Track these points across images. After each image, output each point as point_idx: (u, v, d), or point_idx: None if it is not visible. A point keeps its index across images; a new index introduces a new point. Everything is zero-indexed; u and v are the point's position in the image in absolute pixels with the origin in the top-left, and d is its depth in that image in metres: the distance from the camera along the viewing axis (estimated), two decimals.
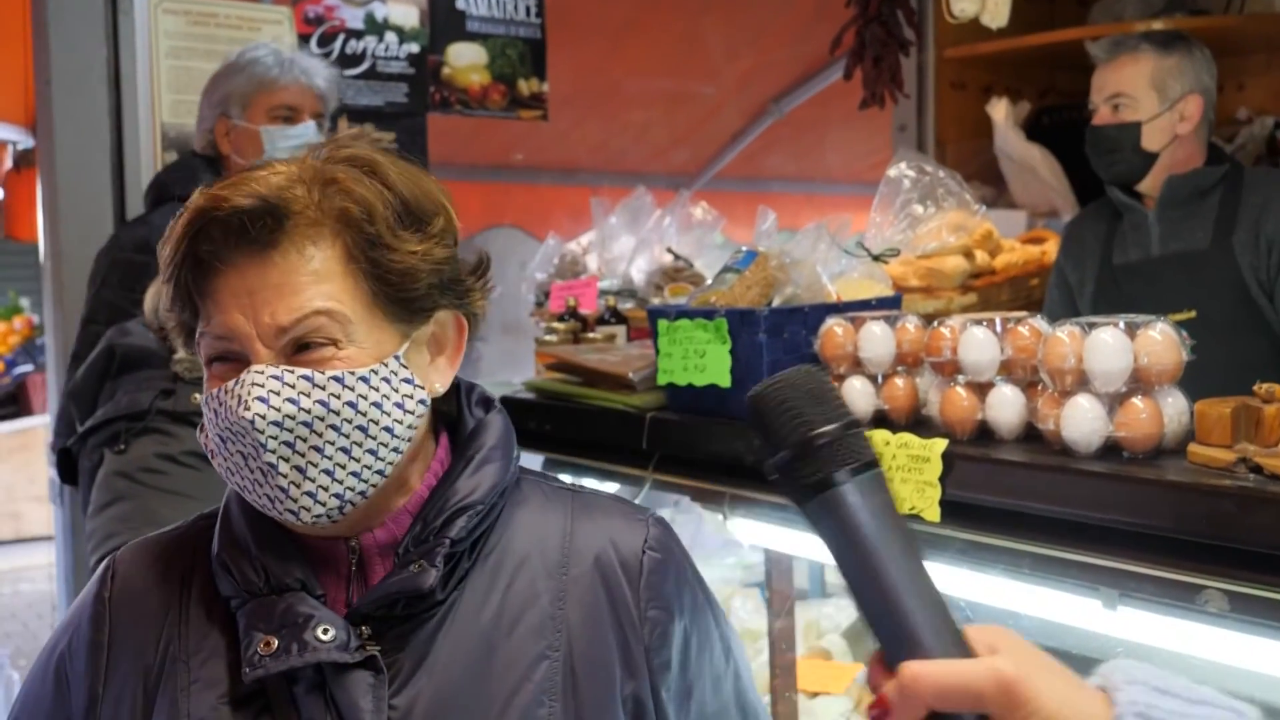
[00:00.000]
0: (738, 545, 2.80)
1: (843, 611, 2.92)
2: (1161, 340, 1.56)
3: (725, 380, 2.01)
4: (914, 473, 1.69)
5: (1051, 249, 3.32)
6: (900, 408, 1.85)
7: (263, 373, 1.04)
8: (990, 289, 3.00)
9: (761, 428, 0.80)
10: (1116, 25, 3.75)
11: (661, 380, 2.14)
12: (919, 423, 1.84)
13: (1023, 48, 3.78)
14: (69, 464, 2.09)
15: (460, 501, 1.11)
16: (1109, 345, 1.56)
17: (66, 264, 2.97)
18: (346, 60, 3.22)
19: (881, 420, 1.86)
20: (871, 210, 2.31)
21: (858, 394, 1.87)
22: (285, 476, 1.06)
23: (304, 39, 3.18)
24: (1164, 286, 2.74)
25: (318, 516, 1.07)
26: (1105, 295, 2.88)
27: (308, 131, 2.54)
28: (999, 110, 3.81)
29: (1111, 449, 1.57)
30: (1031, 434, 1.69)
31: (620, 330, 2.66)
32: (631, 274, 3.00)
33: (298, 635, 1.05)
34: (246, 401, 1.04)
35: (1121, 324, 1.58)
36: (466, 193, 4.34)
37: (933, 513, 1.66)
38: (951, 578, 1.75)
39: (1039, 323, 1.71)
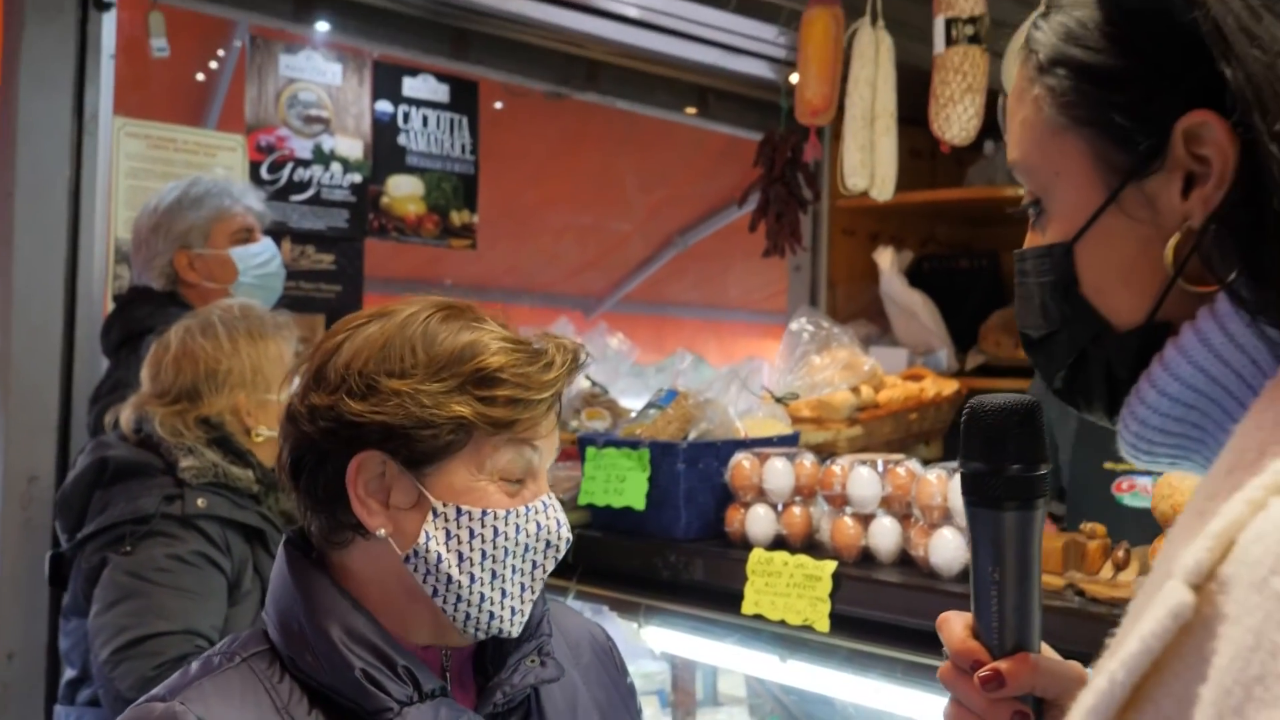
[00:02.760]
0: (644, 654, 3.06)
1: (734, 719, 3.20)
2: None
3: (641, 504, 2.31)
4: (808, 589, 2.01)
5: (930, 385, 3.72)
6: (797, 533, 2.18)
7: (554, 503, 1.29)
8: (874, 422, 3.37)
9: (970, 432, 0.90)
10: (989, 188, 4.25)
11: (583, 500, 2.44)
12: (812, 545, 2.17)
13: (907, 202, 4.24)
14: (57, 568, 2.29)
15: (542, 608, 1.34)
16: None
17: (15, 370, 3.14)
18: (294, 187, 3.51)
19: (781, 543, 2.19)
20: (775, 358, 2.67)
21: (761, 520, 2.20)
22: (538, 591, 1.29)
23: (255, 166, 3.46)
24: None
25: (516, 633, 1.28)
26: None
27: (269, 248, 2.81)
28: (885, 258, 4.24)
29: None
30: (906, 559, 2.03)
31: None
32: None
33: None
34: (562, 523, 1.29)
35: None
36: None
37: (823, 624, 1.98)
38: (838, 682, 2.07)
39: (914, 465, 2.07)
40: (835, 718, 2.56)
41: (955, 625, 0.93)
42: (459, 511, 1.22)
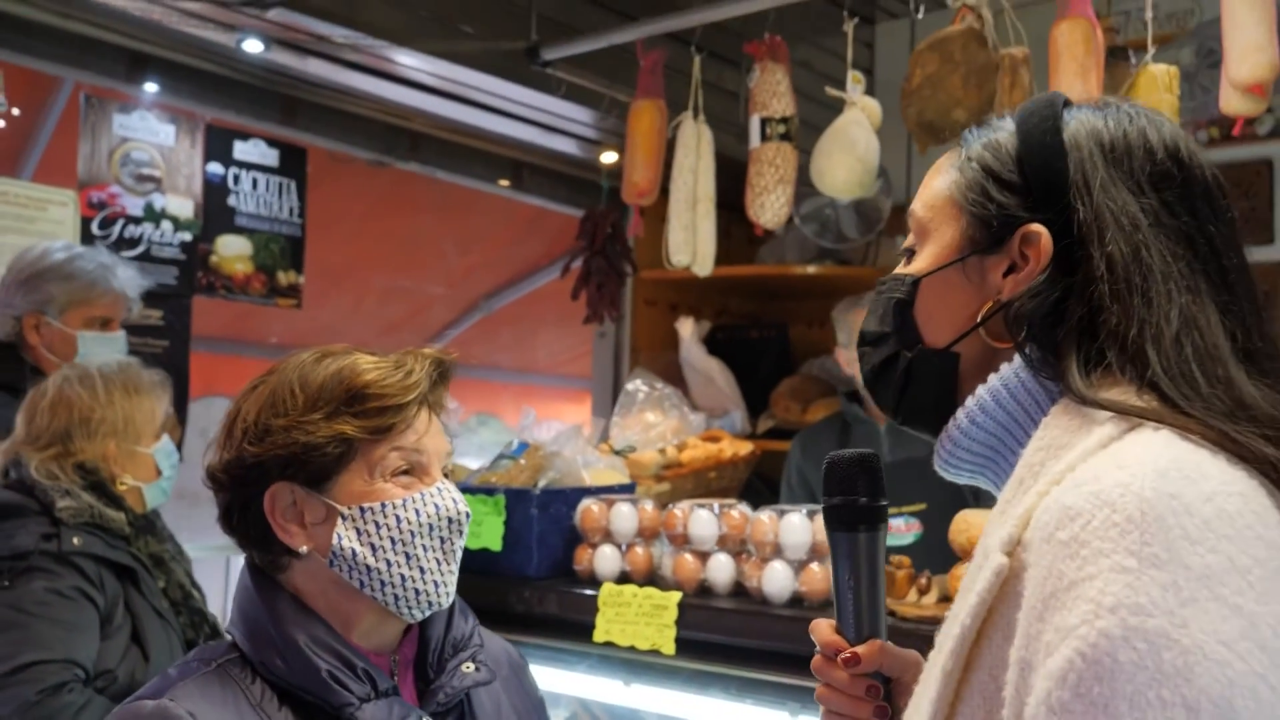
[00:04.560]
0: None
1: None
2: None
3: (498, 545, 2.57)
4: (655, 617, 2.32)
5: (727, 447, 4.10)
6: (640, 569, 2.48)
7: (448, 486, 1.51)
8: (679, 479, 3.73)
9: (832, 475, 1.21)
10: (779, 266, 4.72)
11: None
12: (654, 580, 2.48)
13: (704, 276, 4.66)
14: None
15: (473, 623, 1.60)
16: (796, 525, 2.28)
17: None
18: (124, 243, 3.60)
19: (625, 579, 2.48)
20: (613, 415, 2.98)
21: (608, 558, 2.50)
22: (455, 564, 1.50)
23: (86, 221, 3.54)
24: (897, 484, 3.54)
25: (446, 604, 1.50)
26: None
27: (118, 340, 2.90)
28: (686, 327, 4.64)
29: (796, 600, 2.27)
30: (740, 590, 2.37)
31: None
32: None
33: None
34: (458, 500, 1.50)
35: (804, 511, 2.30)
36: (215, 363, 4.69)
37: (669, 647, 2.29)
38: (681, 701, 2.38)
39: (745, 508, 2.41)
40: None
41: (823, 626, 1.25)
42: (363, 510, 1.46)
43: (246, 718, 1.39)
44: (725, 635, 2.27)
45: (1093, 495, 0.89)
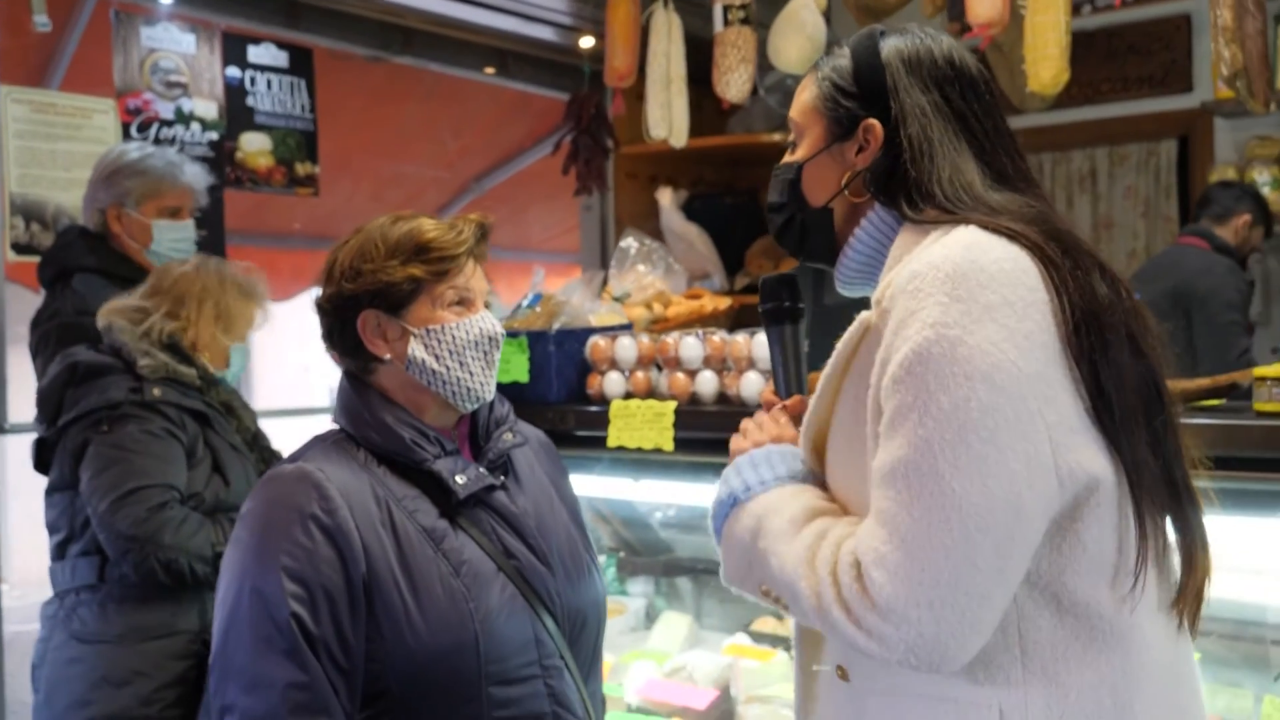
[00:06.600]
0: None
1: None
2: None
3: (525, 377, 3.20)
4: (656, 423, 2.96)
5: (708, 302, 4.71)
6: (641, 390, 3.12)
7: (488, 314, 2.07)
8: (665, 332, 4.36)
9: (765, 289, 1.78)
10: (748, 135, 5.28)
11: None
12: (653, 395, 3.12)
13: (679, 148, 5.22)
14: (40, 454, 2.98)
15: (509, 407, 2.19)
16: (765, 343, 2.91)
17: None
18: (160, 144, 4.15)
19: (629, 397, 3.12)
20: (610, 267, 3.60)
21: (614, 382, 3.13)
22: (494, 369, 2.07)
23: (126, 126, 4.08)
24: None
25: (489, 398, 2.09)
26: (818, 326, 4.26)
27: (188, 228, 3.44)
28: (665, 196, 5.21)
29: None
30: (723, 399, 3.01)
31: None
32: None
33: (474, 472, 2.00)
34: (495, 324, 2.04)
35: None
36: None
37: (669, 445, 2.93)
38: (680, 490, 3.03)
39: (724, 333, 3.04)
40: (658, 539, 3.54)
41: (765, 390, 1.89)
42: (428, 330, 2.03)
43: (357, 474, 1.97)
44: (713, 432, 2.91)
45: (926, 262, 1.49)
